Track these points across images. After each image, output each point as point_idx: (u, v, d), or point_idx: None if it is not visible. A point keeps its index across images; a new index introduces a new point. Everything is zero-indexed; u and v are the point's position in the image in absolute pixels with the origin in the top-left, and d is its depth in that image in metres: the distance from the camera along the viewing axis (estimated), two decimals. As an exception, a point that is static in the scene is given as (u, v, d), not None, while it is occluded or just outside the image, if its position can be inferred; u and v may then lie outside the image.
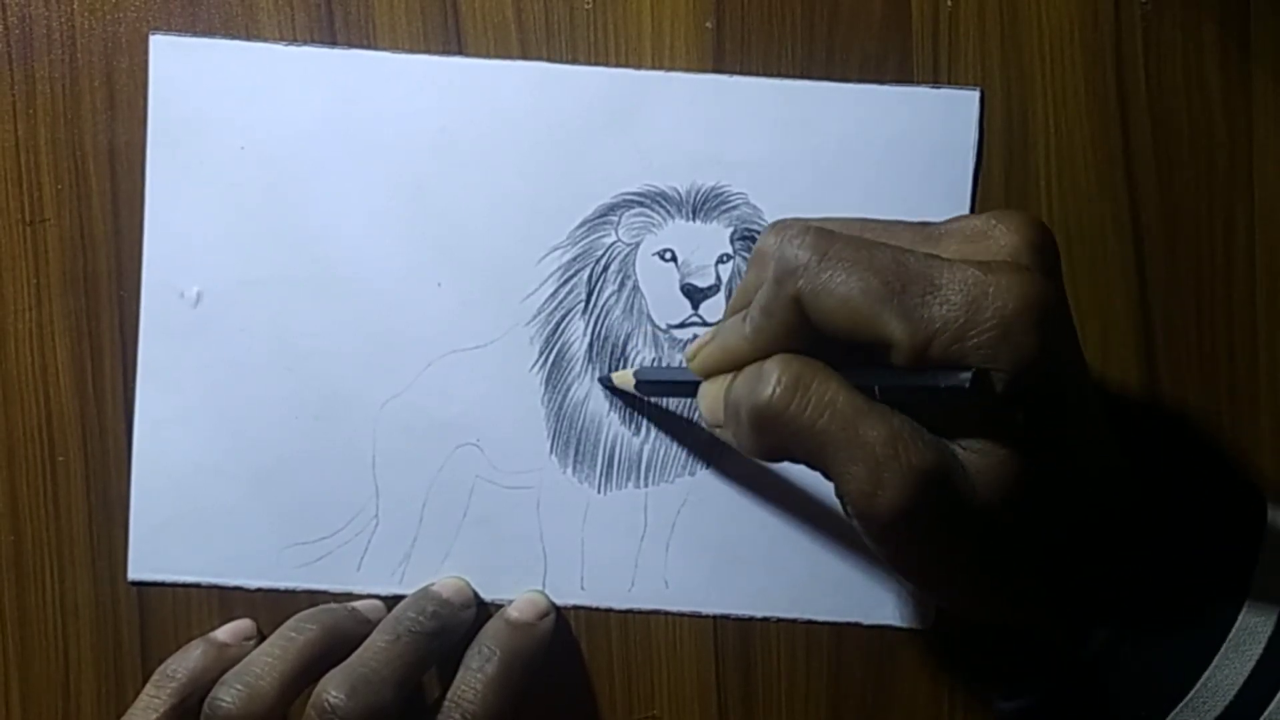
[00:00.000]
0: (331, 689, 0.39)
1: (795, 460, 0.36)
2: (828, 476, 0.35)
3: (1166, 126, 0.44)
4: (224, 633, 0.43)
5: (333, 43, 0.44)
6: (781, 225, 0.36)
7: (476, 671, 0.41)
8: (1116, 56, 0.44)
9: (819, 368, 0.35)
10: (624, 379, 0.43)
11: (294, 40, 0.44)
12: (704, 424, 0.39)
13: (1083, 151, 0.44)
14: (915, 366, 0.33)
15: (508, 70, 0.43)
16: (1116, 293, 0.44)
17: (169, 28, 0.44)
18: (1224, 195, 0.44)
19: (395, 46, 0.44)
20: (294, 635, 0.41)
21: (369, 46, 0.44)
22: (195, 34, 0.43)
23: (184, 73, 0.43)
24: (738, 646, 0.44)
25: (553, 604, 0.44)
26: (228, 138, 0.43)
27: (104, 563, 0.44)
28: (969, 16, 0.44)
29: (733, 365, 0.37)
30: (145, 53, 0.43)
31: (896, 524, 0.34)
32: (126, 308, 0.44)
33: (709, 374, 0.38)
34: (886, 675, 0.44)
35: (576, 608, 0.44)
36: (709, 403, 0.38)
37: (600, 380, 0.44)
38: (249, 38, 0.44)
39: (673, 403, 0.44)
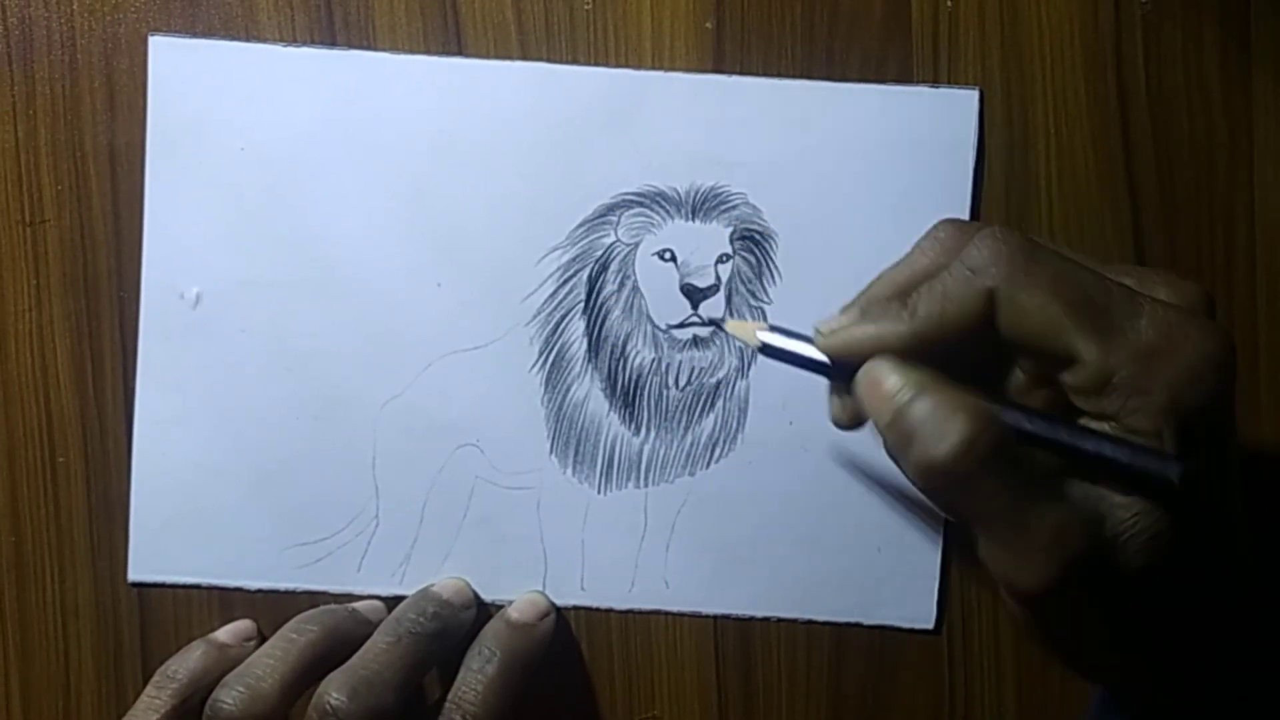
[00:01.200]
0: (333, 691, 0.39)
1: (942, 508, 0.35)
2: (975, 533, 0.34)
3: (1166, 126, 0.44)
4: (225, 633, 0.43)
5: (332, 43, 0.44)
6: (971, 223, 0.35)
7: (477, 672, 0.41)
8: (1116, 56, 0.44)
9: (1005, 439, 0.33)
10: (745, 331, 0.39)
11: (294, 41, 0.44)
12: (832, 415, 0.37)
13: (1083, 151, 0.44)
14: (1093, 394, 0.32)
15: (507, 71, 0.43)
16: (1116, 293, 0.44)
17: (169, 29, 0.44)
18: (1224, 195, 0.44)
19: (395, 47, 0.44)
20: (295, 637, 0.41)
21: (369, 47, 0.44)
22: (195, 35, 0.43)
23: (183, 74, 0.43)
24: (738, 646, 0.44)
25: (553, 605, 0.44)
26: (227, 139, 0.43)
27: (104, 564, 0.44)
28: (969, 16, 0.44)
29: (882, 349, 0.34)
30: (145, 53, 0.43)
31: (1041, 599, 0.33)
32: (126, 308, 0.44)
33: (847, 355, 0.35)
34: (886, 675, 0.44)
35: (577, 608, 0.44)
36: (871, 392, 0.34)
37: (715, 323, 0.42)
38: (249, 38, 0.44)
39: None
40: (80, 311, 0.44)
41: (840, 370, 0.36)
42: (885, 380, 0.34)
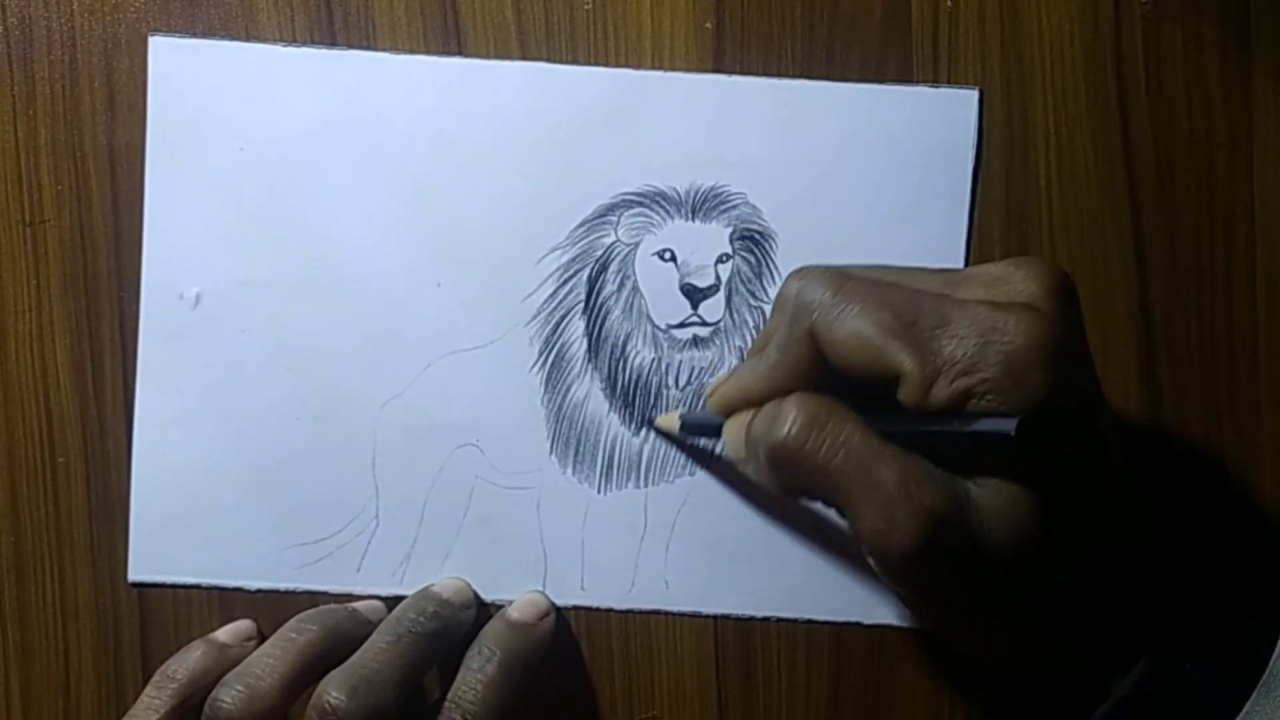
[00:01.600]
0: (332, 690, 0.39)
1: (813, 498, 0.36)
2: (842, 515, 0.35)
3: (1166, 126, 0.44)
4: (224, 633, 0.43)
5: (332, 43, 0.44)
6: (801, 270, 0.37)
7: (477, 672, 0.41)
8: (1116, 56, 0.44)
9: (836, 407, 0.35)
10: (669, 422, 0.43)
11: (293, 41, 0.44)
12: (732, 460, 0.40)
13: (1083, 151, 0.44)
14: (922, 401, 0.34)
15: (507, 71, 0.43)
16: (1117, 293, 0.44)
17: (169, 29, 0.44)
18: (1224, 195, 0.44)
19: (395, 47, 0.44)
20: (294, 636, 0.41)
21: (369, 47, 0.44)
22: (195, 35, 0.43)
23: (183, 74, 0.43)
24: (738, 647, 0.44)
25: (553, 604, 0.44)
26: (227, 139, 0.43)
27: (104, 564, 0.44)
28: (969, 16, 0.44)
29: (749, 403, 0.38)
30: (145, 54, 0.43)
31: (910, 564, 0.34)
32: (126, 308, 0.44)
33: (727, 412, 0.39)
34: (886, 675, 0.44)
35: (577, 608, 0.44)
36: (732, 439, 0.39)
37: (648, 423, 0.44)
38: (249, 39, 0.44)
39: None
40: (80, 311, 0.44)
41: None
42: (732, 425, 0.39)
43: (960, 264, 0.43)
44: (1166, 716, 0.35)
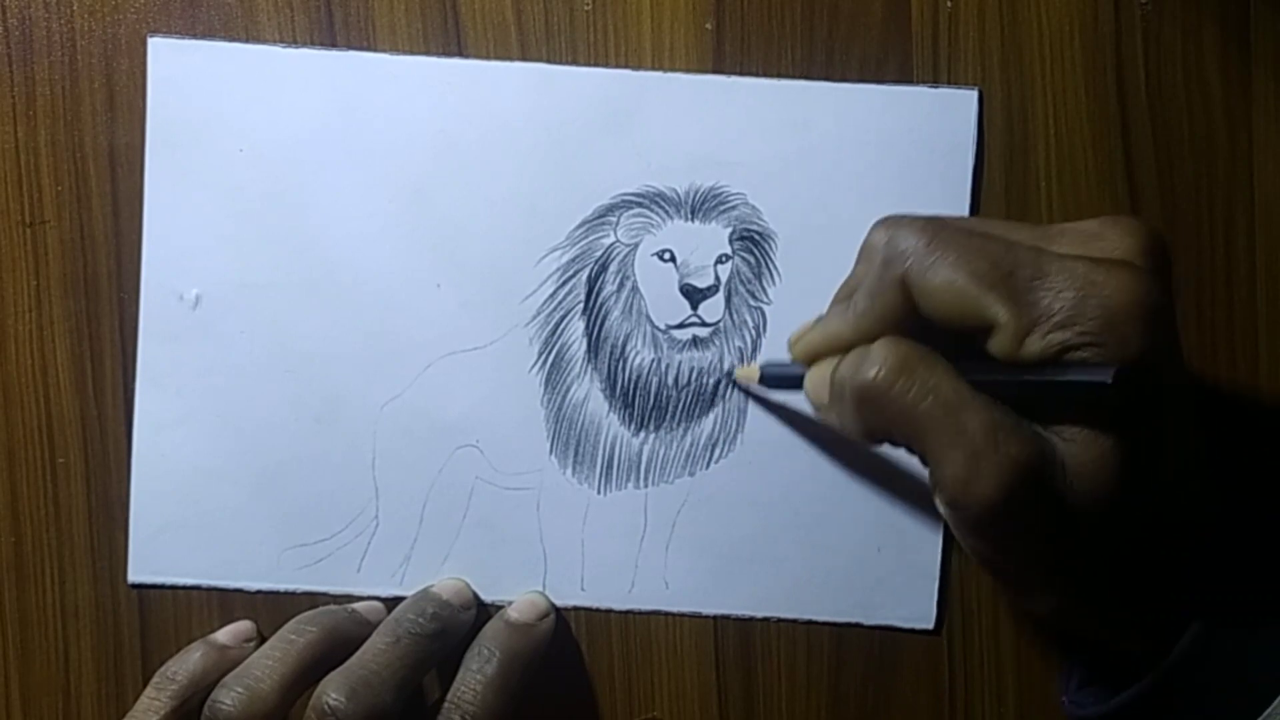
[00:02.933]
0: (331, 691, 0.39)
1: (895, 444, 0.36)
2: (924, 462, 0.35)
3: (1166, 126, 0.44)
4: (224, 634, 0.43)
5: (332, 44, 0.44)
6: (891, 219, 0.37)
7: (476, 672, 0.41)
8: (1116, 56, 0.44)
9: (925, 352, 0.35)
10: (749, 374, 0.43)
11: (293, 42, 0.44)
12: (812, 407, 0.40)
13: (1083, 151, 0.44)
14: (1016, 353, 0.34)
15: (506, 71, 0.43)
16: (1116, 293, 0.44)
17: (168, 30, 0.44)
18: (1224, 195, 0.44)
19: (395, 48, 0.44)
20: (294, 638, 0.41)
21: (369, 48, 0.44)
22: (195, 36, 0.43)
23: (182, 75, 0.43)
24: (738, 648, 0.44)
25: (553, 605, 0.44)
26: (226, 140, 0.43)
27: (104, 564, 0.44)
28: (969, 17, 0.44)
29: (834, 350, 0.38)
30: (145, 54, 0.43)
31: (990, 515, 0.34)
32: (126, 309, 0.44)
33: (811, 359, 0.39)
34: (886, 675, 0.44)
35: (577, 609, 0.44)
36: (814, 384, 0.38)
37: (727, 375, 0.43)
38: (248, 39, 0.44)
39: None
40: (80, 312, 0.44)
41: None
42: (816, 372, 0.38)
43: None
44: (1217, 683, 0.35)
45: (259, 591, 0.44)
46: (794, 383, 0.40)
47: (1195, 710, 0.36)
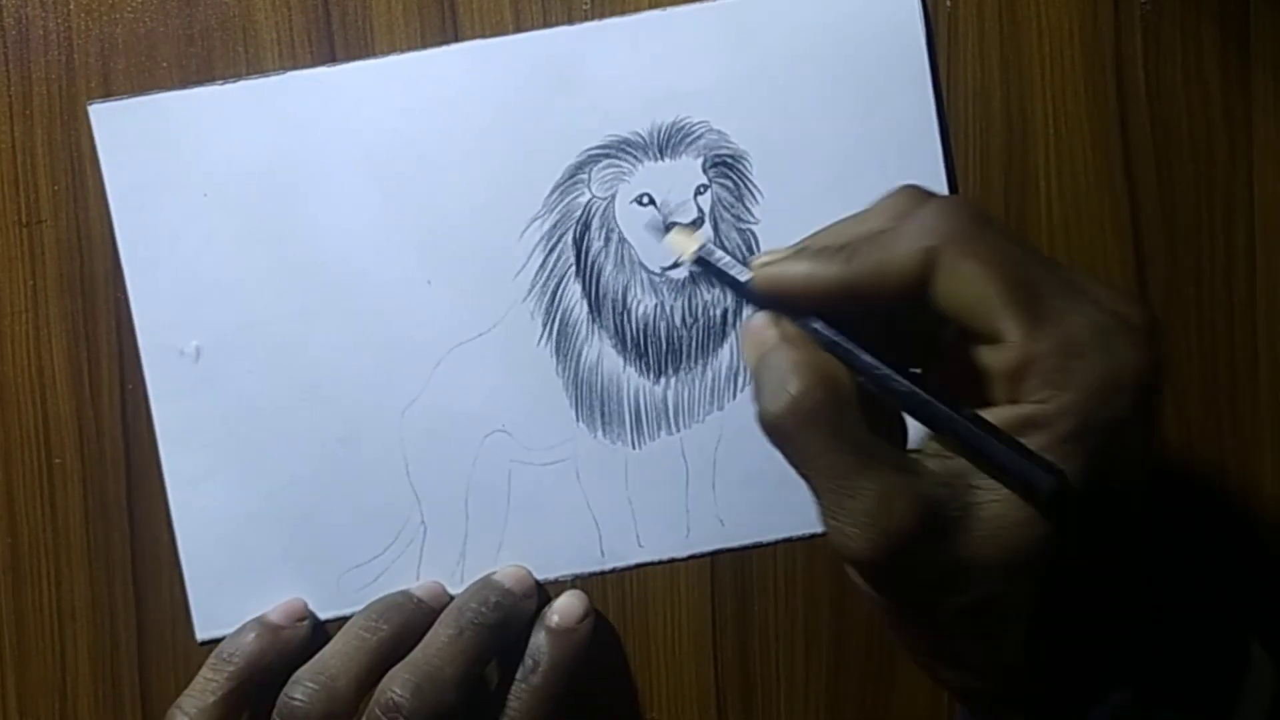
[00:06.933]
0: (396, 688, 0.39)
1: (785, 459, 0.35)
2: (812, 495, 0.34)
3: (1166, 126, 0.44)
4: (277, 614, 0.43)
5: (331, 44, 0.43)
6: (927, 191, 0.34)
7: (521, 681, 0.41)
8: (1116, 57, 0.43)
9: (841, 399, 0.33)
10: (682, 243, 0.37)
11: (293, 42, 0.43)
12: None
13: (1083, 151, 0.44)
14: (1007, 379, 0.32)
15: (446, 56, 0.43)
16: (1116, 293, 0.44)
17: (165, 29, 0.43)
18: (1224, 195, 0.44)
19: (394, 47, 0.43)
20: (366, 635, 0.41)
21: (368, 48, 0.43)
22: (142, 92, 0.43)
23: (130, 135, 0.43)
24: (737, 648, 0.44)
25: (591, 605, 0.43)
26: (188, 188, 0.43)
27: (100, 565, 0.44)
28: (969, 16, 0.43)
29: (806, 293, 0.34)
30: (144, 54, 0.43)
31: (870, 570, 0.32)
32: (123, 310, 0.44)
33: (775, 288, 0.34)
34: (886, 675, 0.44)
35: (639, 566, 0.44)
36: (750, 345, 0.35)
37: (652, 226, 0.42)
38: (246, 39, 0.43)
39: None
40: (77, 312, 0.44)
41: (766, 303, 0.35)
42: (761, 327, 0.34)
43: (936, 146, 0.43)
44: None
45: (328, 620, 0.44)
46: (731, 284, 0.36)
47: None
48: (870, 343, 0.34)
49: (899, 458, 0.33)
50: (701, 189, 0.43)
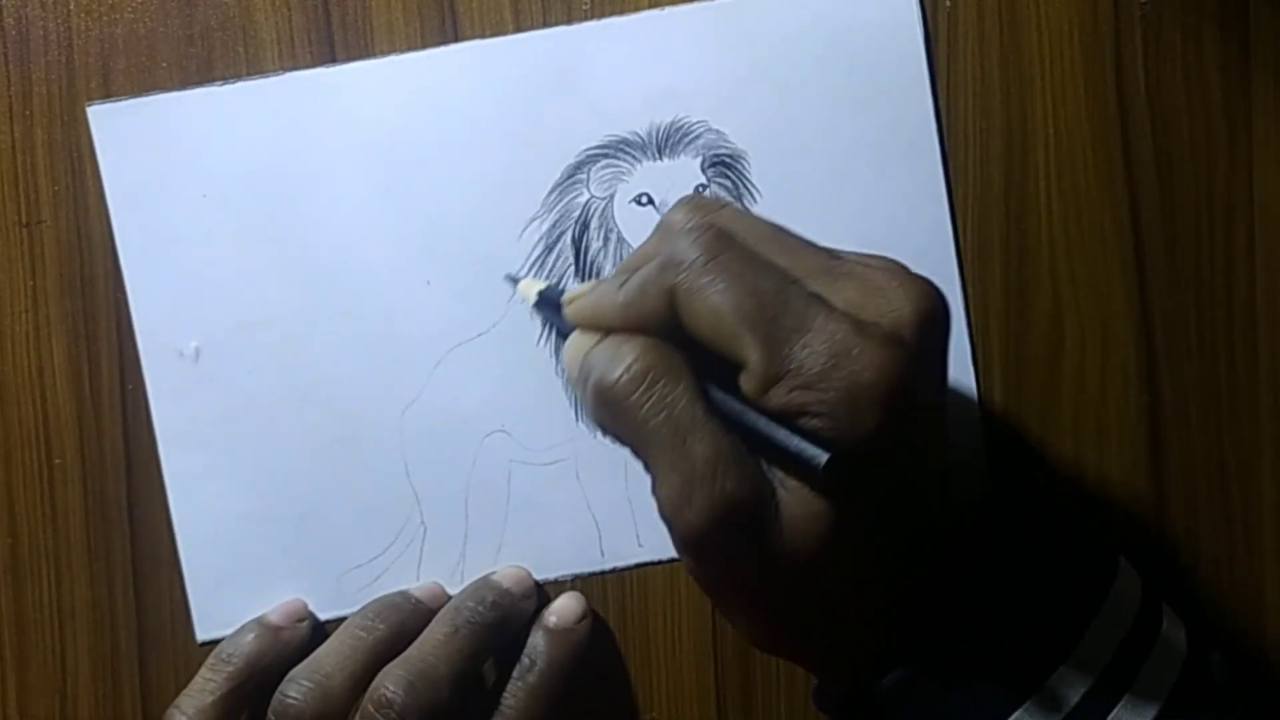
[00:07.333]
0: (389, 684, 0.39)
1: (623, 444, 0.36)
2: (648, 471, 0.35)
3: (1166, 126, 0.44)
4: (276, 614, 0.43)
5: (330, 44, 0.43)
6: (693, 207, 0.36)
7: (517, 680, 0.41)
8: (1116, 56, 0.43)
9: (673, 365, 0.34)
10: (529, 289, 0.41)
11: (292, 42, 0.43)
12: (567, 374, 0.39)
13: (1083, 151, 0.44)
14: (758, 398, 0.33)
15: (445, 56, 0.43)
16: (1116, 293, 0.44)
17: (165, 29, 0.43)
18: (1224, 195, 0.44)
19: (394, 48, 0.43)
20: (363, 634, 0.41)
21: (367, 48, 0.43)
22: (141, 93, 0.43)
23: (128, 136, 0.43)
24: (737, 648, 0.44)
25: (589, 607, 0.43)
26: (188, 189, 0.43)
27: (101, 566, 0.44)
28: (968, 16, 0.43)
29: (600, 326, 0.36)
30: (144, 55, 0.43)
31: (697, 540, 0.34)
32: (122, 309, 0.44)
33: (580, 326, 0.37)
34: (886, 677, 0.44)
35: (639, 566, 0.44)
36: (570, 356, 0.37)
37: (509, 278, 0.43)
38: (246, 39, 0.43)
39: None
40: (77, 312, 0.44)
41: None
42: (576, 342, 0.37)
43: (935, 146, 0.43)
44: None
45: (328, 621, 0.44)
46: (561, 328, 0.38)
47: None
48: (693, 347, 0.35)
49: (724, 428, 0.34)
50: (700, 188, 0.43)
